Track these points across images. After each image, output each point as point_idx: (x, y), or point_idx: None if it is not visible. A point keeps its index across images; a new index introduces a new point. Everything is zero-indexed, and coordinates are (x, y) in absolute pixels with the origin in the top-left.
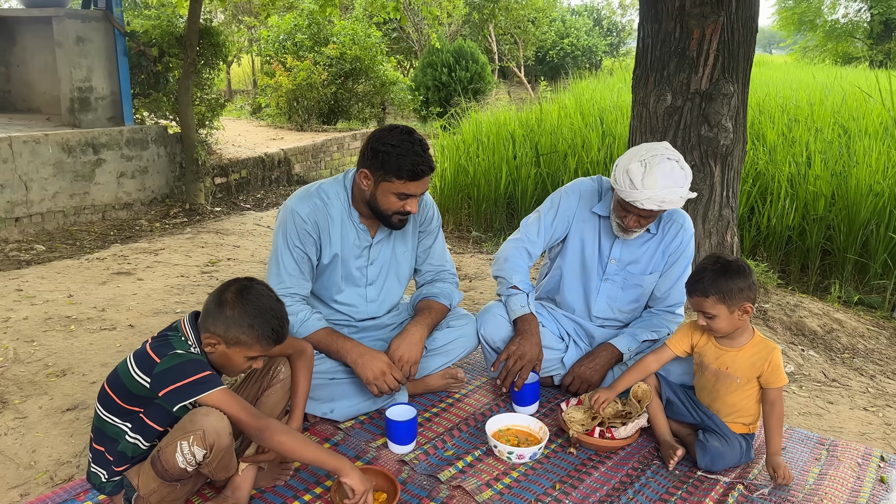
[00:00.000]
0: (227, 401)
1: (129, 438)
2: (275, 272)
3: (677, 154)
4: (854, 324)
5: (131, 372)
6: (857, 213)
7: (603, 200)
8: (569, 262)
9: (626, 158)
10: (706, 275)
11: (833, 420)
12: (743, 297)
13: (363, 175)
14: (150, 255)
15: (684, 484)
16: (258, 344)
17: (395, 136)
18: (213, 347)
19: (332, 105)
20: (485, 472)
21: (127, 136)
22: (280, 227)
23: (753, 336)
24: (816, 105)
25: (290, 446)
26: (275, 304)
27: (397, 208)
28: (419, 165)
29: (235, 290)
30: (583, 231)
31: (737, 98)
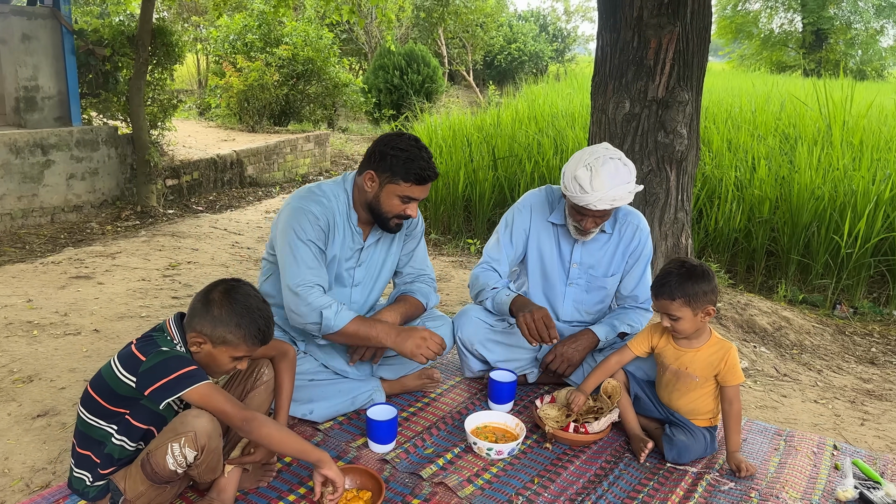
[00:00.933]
0: (212, 394)
1: (116, 441)
2: (293, 268)
3: (618, 152)
4: (801, 321)
5: (116, 373)
6: (799, 216)
7: (557, 209)
8: (531, 273)
9: (571, 165)
10: (672, 279)
11: (787, 412)
12: (707, 299)
13: (368, 177)
14: (106, 258)
15: (655, 476)
16: (244, 344)
17: (403, 141)
18: (200, 347)
19: (283, 106)
20: (465, 468)
21: (77, 136)
22: (290, 225)
23: (710, 336)
24: (758, 112)
25: (277, 438)
26: (261, 304)
27: (398, 211)
28: (426, 171)
29: (223, 290)
30: (539, 242)
31: (691, 105)
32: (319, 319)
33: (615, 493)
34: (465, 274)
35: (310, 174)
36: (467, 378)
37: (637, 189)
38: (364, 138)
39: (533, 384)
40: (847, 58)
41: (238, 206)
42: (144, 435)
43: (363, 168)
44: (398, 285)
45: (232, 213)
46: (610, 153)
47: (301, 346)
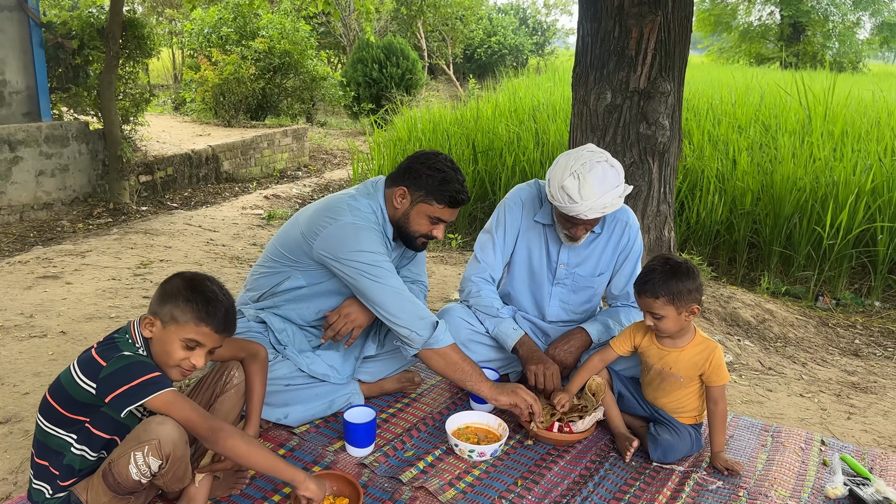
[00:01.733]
0: (176, 402)
1: (75, 450)
2: (394, 285)
3: (603, 154)
4: (784, 314)
5: (76, 379)
6: (781, 208)
7: (544, 207)
8: (517, 272)
9: (557, 174)
10: (655, 276)
11: (773, 407)
12: (691, 298)
13: (400, 193)
14: (76, 257)
15: (641, 475)
16: (192, 322)
17: (440, 162)
18: (150, 331)
19: (260, 100)
20: (446, 471)
21: (46, 132)
22: (362, 248)
23: (695, 336)
24: (738, 104)
25: (245, 451)
26: (220, 289)
27: (426, 231)
28: (460, 194)
29: (180, 277)
30: (528, 240)
31: (673, 96)
32: (429, 331)
33: (601, 493)
34: (447, 270)
35: (288, 169)
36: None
37: (627, 191)
38: (343, 133)
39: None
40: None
41: (214, 202)
42: (107, 444)
43: (395, 182)
44: None
45: (207, 210)
46: (596, 156)
47: (281, 350)
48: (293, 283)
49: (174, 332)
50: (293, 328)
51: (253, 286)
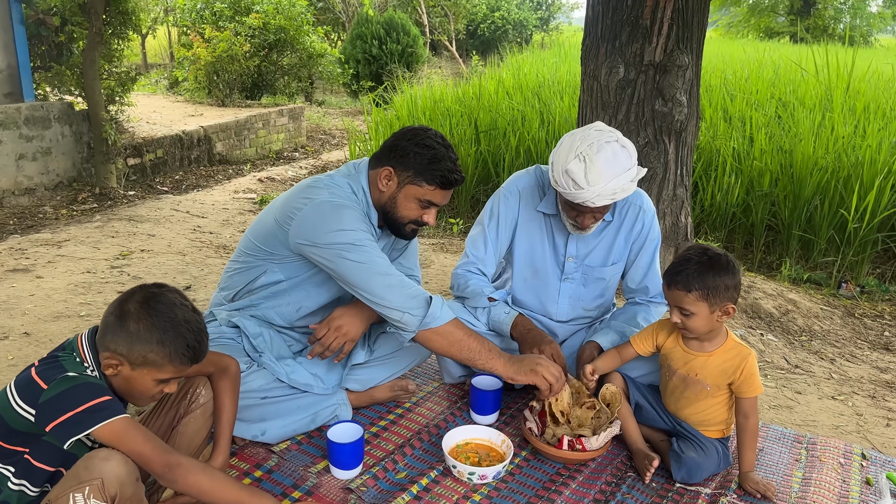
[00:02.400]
0: (128, 432)
1: (13, 486)
2: (379, 265)
3: (613, 133)
4: (808, 304)
5: (12, 404)
6: (801, 189)
7: (547, 196)
8: (517, 269)
9: (561, 156)
10: (690, 267)
11: (804, 412)
12: (727, 296)
13: (385, 174)
14: (52, 247)
15: (664, 498)
16: (170, 364)
17: (429, 138)
18: (116, 369)
19: (255, 79)
20: (443, 496)
21: (25, 113)
22: (343, 227)
23: (726, 340)
24: (752, 79)
25: (209, 488)
26: (189, 314)
27: (415, 217)
28: (453, 174)
29: (140, 300)
30: (529, 233)
31: (691, 70)
32: (424, 308)
33: None
34: (446, 259)
35: (284, 150)
36: (446, 384)
37: (640, 174)
38: (342, 112)
39: (520, 390)
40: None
41: (206, 185)
42: (51, 477)
43: (379, 162)
44: None
45: (197, 194)
46: (605, 136)
47: (256, 358)
48: (270, 278)
49: (148, 373)
50: (271, 332)
51: (227, 284)
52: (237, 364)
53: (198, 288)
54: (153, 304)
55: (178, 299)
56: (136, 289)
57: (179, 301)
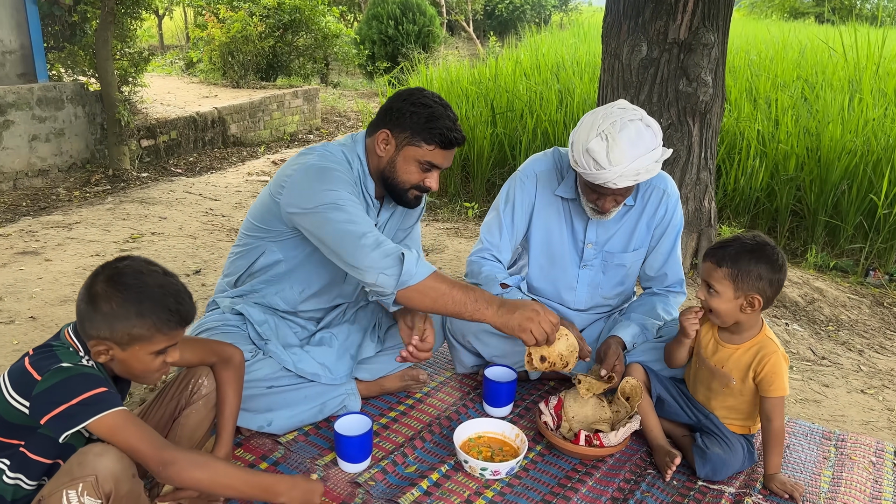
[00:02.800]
0: (124, 426)
1: (8, 479)
2: (352, 225)
3: (638, 111)
4: (835, 293)
5: (5, 395)
6: (829, 173)
7: (566, 179)
8: (533, 256)
9: (582, 135)
10: (733, 245)
11: (833, 407)
12: (757, 286)
13: (382, 138)
14: (62, 229)
15: (685, 497)
16: (158, 333)
17: (426, 97)
18: (108, 355)
19: (270, 60)
20: (454, 492)
21: (38, 94)
22: (325, 187)
23: (758, 335)
24: (777, 60)
25: (207, 483)
26: (161, 278)
27: (416, 181)
28: (452, 132)
29: (105, 279)
30: (546, 218)
31: (717, 49)
32: (398, 266)
33: None
34: (461, 243)
35: (299, 132)
36: (459, 374)
37: (665, 155)
38: (358, 94)
39: (536, 381)
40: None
41: (220, 167)
42: (48, 470)
43: (376, 128)
44: None
45: (211, 176)
46: (628, 114)
47: (262, 346)
48: (269, 259)
49: (140, 349)
50: (275, 319)
51: (229, 270)
52: (241, 354)
53: (208, 272)
54: (119, 278)
55: (144, 267)
56: (99, 269)
57: (147, 268)
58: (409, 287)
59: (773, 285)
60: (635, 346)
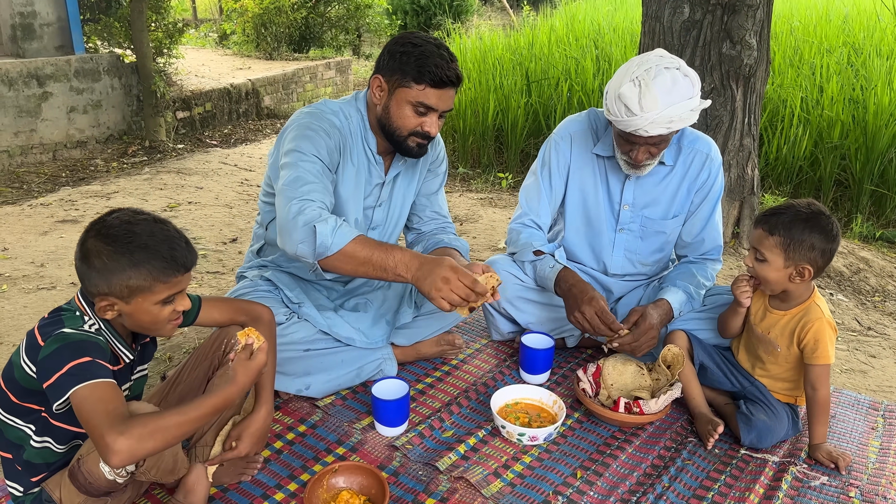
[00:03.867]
0: (90, 397)
1: (35, 444)
2: (290, 186)
3: (676, 60)
4: (881, 263)
5: (21, 361)
6: (875, 141)
7: (603, 138)
8: (570, 219)
9: (615, 81)
10: (787, 212)
11: (880, 378)
12: (809, 256)
13: (376, 84)
14: (101, 199)
15: (727, 466)
16: (157, 282)
17: (417, 38)
18: (114, 310)
19: (302, 31)
20: (491, 457)
21: (76, 66)
22: (294, 144)
23: (807, 301)
24: (819, 25)
25: (164, 443)
26: (151, 225)
27: (413, 126)
28: (444, 70)
29: (95, 234)
30: (582, 179)
31: (762, 10)
32: (312, 237)
33: (678, 490)
34: (495, 213)
35: None
36: (495, 341)
37: (703, 105)
38: None
39: (573, 349)
40: None
41: (254, 139)
42: (77, 435)
43: (371, 76)
44: (423, 234)
45: (245, 148)
46: (665, 62)
47: (296, 309)
48: None
49: (143, 301)
50: (305, 285)
51: (254, 238)
52: (270, 311)
53: (244, 240)
54: (108, 231)
55: (132, 217)
56: (90, 226)
57: (134, 218)
58: (329, 256)
59: (824, 255)
60: (681, 314)
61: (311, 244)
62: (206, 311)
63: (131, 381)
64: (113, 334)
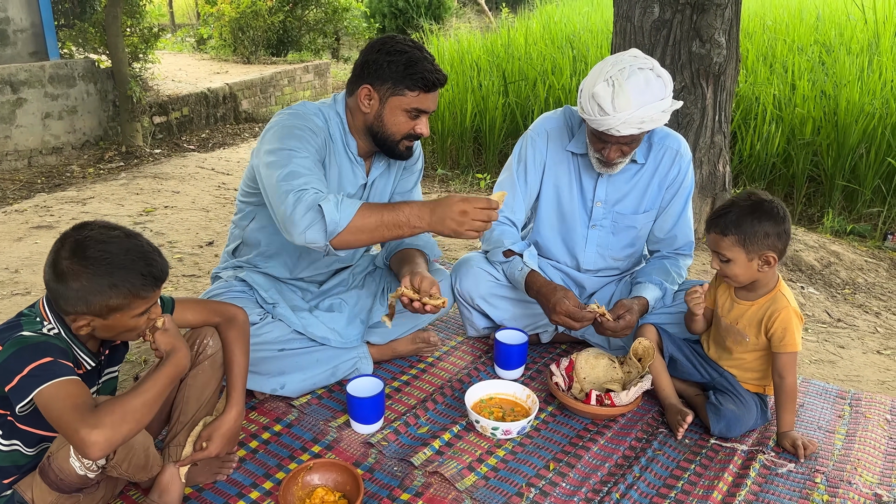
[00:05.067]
0: (57, 396)
1: (4, 447)
2: (284, 182)
3: (650, 61)
4: (851, 256)
5: None
6: (846, 137)
7: (577, 135)
8: (544, 214)
9: (590, 80)
10: (732, 211)
11: (848, 367)
12: (767, 244)
13: (365, 94)
14: (77, 205)
15: (697, 455)
16: (136, 299)
17: (399, 44)
18: (89, 327)
19: (280, 35)
20: (466, 451)
21: (50, 72)
22: (280, 144)
23: (772, 291)
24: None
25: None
26: (126, 241)
27: (407, 130)
28: (434, 74)
29: (69, 254)
30: (556, 176)
31: (731, 9)
32: (321, 219)
33: (649, 480)
34: None
35: None
36: (470, 338)
37: (674, 106)
38: None
39: (547, 344)
40: None
41: (232, 143)
42: (44, 438)
43: (355, 85)
44: None
45: (223, 152)
46: (639, 62)
47: (270, 309)
48: (259, 223)
49: (122, 316)
50: (280, 286)
51: (229, 238)
52: (244, 312)
53: (221, 243)
54: (83, 252)
55: (105, 234)
56: (59, 242)
57: (108, 235)
58: (340, 233)
59: (781, 238)
60: (653, 310)
61: (320, 226)
62: (179, 312)
63: (98, 385)
64: (74, 341)
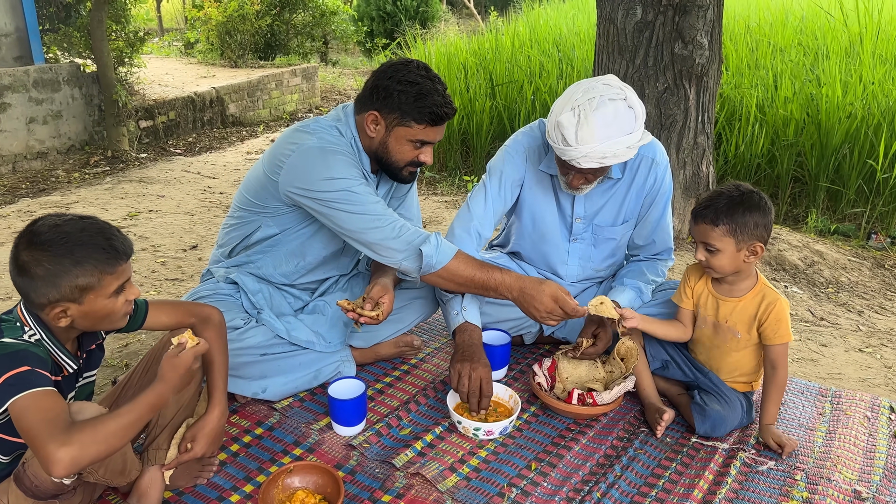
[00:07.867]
0: (30, 408)
1: None
2: (369, 213)
3: (625, 90)
4: (835, 255)
5: None
6: (829, 138)
7: (549, 156)
8: (526, 232)
9: (558, 105)
10: (721, 201)
11: (830, 365)
12: (755, 234)
13: (371, 119)
14: (61, 209)
15: (678, 454)
16: (104, 275)
17: (411, 73)
18: (67, 316)
19: (268, 39)
20: (448, 453)
21: (34, 76)
22: (330, 170)
23: (757, 284)
24: (776, 26)
25: (108, 448)
26: (79, 222)
27: (411, 158)
28: (443, 108)
29: (26, 246)
30: (535, 194)
31: (713, 10)
32: (418, 258)
33: (630, 479)
34: None
35: (298, 111)
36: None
37: (643, 141)
38: (358, 72)
39: (530, 345)
40: None
41: (219, 147)
42: (20, 446)
43: (364, 106)
44: None
45: (209, 156)
46: (611, 92)
47: (255, 314)
48: (265, 233)
49: (95, 297)
50: (270, 289)
51: (224, 241)
52: (219, 312)
53: (205, 247)
54: (38, 238)
55: (57, 219)
56: (17, 240)
57: (61, 220)
58: (434, 273)
59: (767, 228)
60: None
61: (416, 265)
62: (154, 314)
63: (76, 389)
64: (55, 344)
